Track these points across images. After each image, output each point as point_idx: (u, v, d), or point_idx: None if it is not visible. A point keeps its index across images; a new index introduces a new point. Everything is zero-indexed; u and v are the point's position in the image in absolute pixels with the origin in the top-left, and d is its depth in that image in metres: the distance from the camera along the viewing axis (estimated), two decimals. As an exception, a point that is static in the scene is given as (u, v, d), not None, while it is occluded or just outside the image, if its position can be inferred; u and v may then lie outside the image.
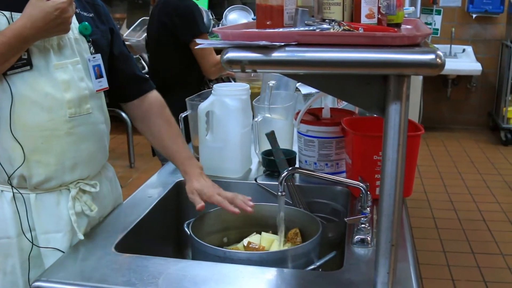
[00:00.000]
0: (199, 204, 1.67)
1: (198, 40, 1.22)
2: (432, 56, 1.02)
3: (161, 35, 3.11)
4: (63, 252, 1.55)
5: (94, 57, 1.59)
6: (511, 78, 6.32)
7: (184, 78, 3.11)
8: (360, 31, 1.13)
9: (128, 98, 1.81)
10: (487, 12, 6.68)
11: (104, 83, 1.62)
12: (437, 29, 6.60)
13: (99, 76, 1.60)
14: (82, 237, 1.57)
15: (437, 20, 6.67)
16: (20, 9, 1.42)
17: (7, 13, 1.43)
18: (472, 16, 6.81)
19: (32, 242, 1.54)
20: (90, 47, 1.58)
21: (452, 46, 6.68)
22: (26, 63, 1.45)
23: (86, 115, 1.57)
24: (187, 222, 1.67)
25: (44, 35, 1.44)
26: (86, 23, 1.57)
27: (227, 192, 1.70)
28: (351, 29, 1.13)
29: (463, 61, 6.63)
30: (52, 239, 1.56)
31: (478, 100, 7.14)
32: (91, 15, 1.63)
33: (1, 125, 1.47)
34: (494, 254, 3.85)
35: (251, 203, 1.66)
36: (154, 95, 1.85)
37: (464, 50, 6.76)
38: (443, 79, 6.97)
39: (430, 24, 6.57)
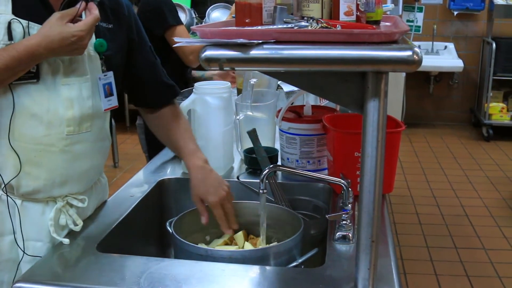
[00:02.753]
0: (203, 217, 1.68)
1: (176, 38, 1.22)
2: (409, 53, 1.03)
3: None
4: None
5: (105, 75, 1.54)
6: (492, 74, 6.38)
7: None
8: (338, 29, 1.14)
9: (151, 106, 1.81)
10: (468, 9, 6.73)
11: (113, 101, 1.58)
12: (419, 26, 6.63)
13: (109, 94, 1.56)
14: (67, 242, 1.54)
15: (419, 17, 6.71)
16: (38, 20, 1.40)
17: (24, 22, 1.40)
18: (453, 13, 6.85)
19: (22, 249, 1.51)
20: (102, 65, 1.54)
21: (434, 43, 6.73)
22: (33, 76, 1.42)
23: (85, 133, 1.53)
24: (169, 220, 1.67)
25: (56, 55, 1.42)
26: (103, 40, 1.52)
27: (230, 203, 1.69)
28: (329, 27, 1.13)
29: (445, 58, 6.68)
30: (32, 247, 1.53)
31: (460, 96, 7.20)
32: (110, 26, 1.58)
33: (1, 133, 1.45)
34: (477, 249, 3.89)
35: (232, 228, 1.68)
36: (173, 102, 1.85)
37: (446, 47, 6.81)
38: (426, 75, 7.03)
39: (412, 21, 6.60)
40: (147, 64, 1.75)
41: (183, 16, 5.64)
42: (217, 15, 6.28)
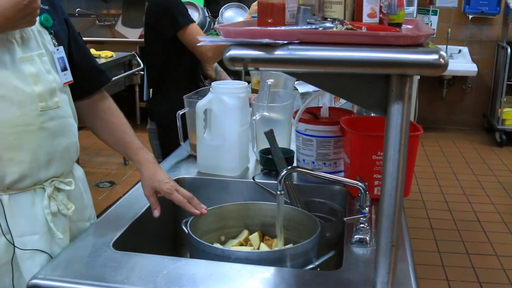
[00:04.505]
0: (155, 210, 1.69)
1: (199, 37, 1.21)
2: (435, 56, 1.02)
3: (148, 34, 3.12)
4: (46, 252, 1.51)
5: (58, 49, 1.54)
6: (506, 79, 6.34)
7: (174, 75, 3.08)
8: (364, 30, 1.13)
9: (87, 93, 1.75)
10: (483, 13, 6.69)
11: (69, 76, 1.57)
12: (433, 30, 6.60)
13: (64, 68, 1.55)
14: (61, 237, 1.53)
15: (434, 20, 6.68)
16: None
17: None
18: (468, 17, 6.82)
19: (14, 245, 1.48)
20: (52, 39, 1.53)
21: (448, 46, 6.69)
22: None
23: (55, 109, 1.51)
24: (184, 220, 1.66)
25: (11, 27, 1.38)
26: (47, 14, 1.51)
27: (185, 191, 1.70)
28: (355, 28, 1.12)
29: (459, 61, 6.64)
30: (29, 241, 1.49)
31: (473, 101, 7.16)
32: (46, 7, 1.55)
33: None
34: (489, 255, 3.86)
35: (204, 206, 1.68)
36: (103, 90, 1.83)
37: (460, 51, 6.77)
38: (439, 79, 6.99)
39: (426, 24, 6.58)
40: (80, 46, 1.72)
41: (196, 15, 5.65)
42: (230, 14, 6.29)
